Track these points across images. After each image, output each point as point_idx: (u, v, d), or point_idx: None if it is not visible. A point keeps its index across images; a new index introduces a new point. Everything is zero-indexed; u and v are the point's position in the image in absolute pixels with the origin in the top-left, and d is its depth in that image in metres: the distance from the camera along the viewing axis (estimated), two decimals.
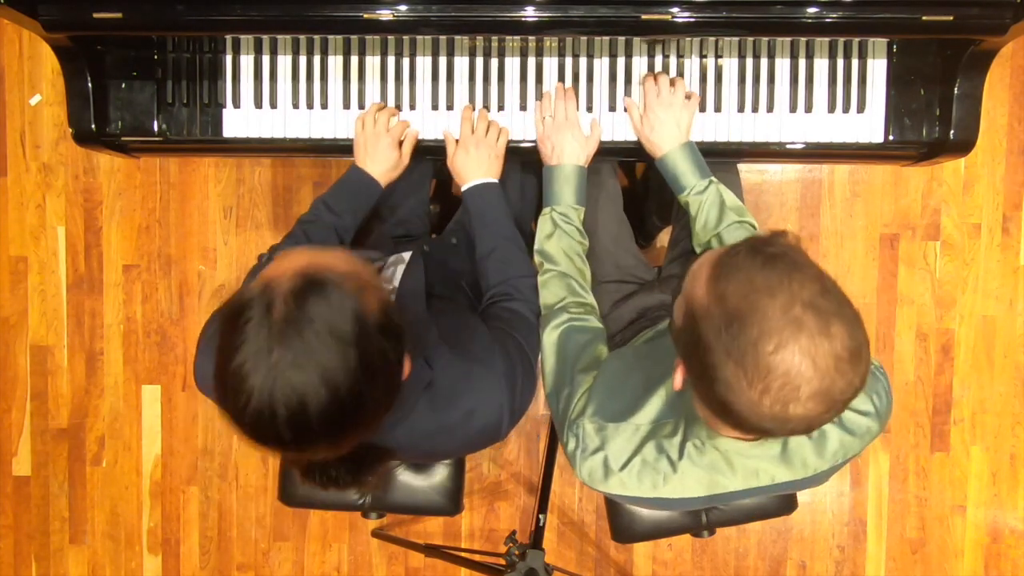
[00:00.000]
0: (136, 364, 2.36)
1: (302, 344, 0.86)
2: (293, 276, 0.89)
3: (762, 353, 0.85)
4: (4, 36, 2.29)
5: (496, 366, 1.17)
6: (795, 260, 0.89)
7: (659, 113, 1.43)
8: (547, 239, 1.40)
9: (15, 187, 2.32)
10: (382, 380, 0.93)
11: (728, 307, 0.88)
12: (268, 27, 1.44)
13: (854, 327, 0.87)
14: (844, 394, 0.87)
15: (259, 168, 2.31)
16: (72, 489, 2.39)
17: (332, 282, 0.89)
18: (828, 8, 1.34)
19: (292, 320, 0.86)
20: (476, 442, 1.22)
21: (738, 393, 0.87)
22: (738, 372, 0.86)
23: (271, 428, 0.88)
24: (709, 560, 2.37)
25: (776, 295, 0.86)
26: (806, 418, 0.88)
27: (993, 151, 2.27)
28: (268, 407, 0.86)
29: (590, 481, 1.14)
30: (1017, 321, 2.31)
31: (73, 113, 1.48)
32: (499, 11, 1.34)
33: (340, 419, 0.90)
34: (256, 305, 0.87)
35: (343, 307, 0.88)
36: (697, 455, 1.09)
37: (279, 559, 2.39)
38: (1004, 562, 2.36)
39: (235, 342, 0.87)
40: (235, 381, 0.87)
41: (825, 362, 0.85)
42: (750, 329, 0.86)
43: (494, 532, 2.35)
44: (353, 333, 0.88)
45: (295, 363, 0.85)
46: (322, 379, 0.86)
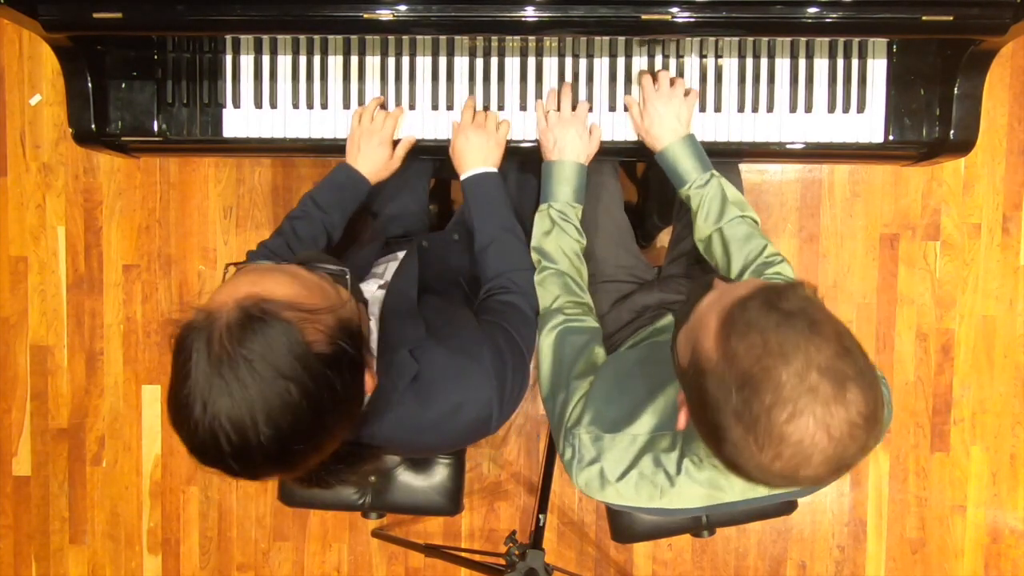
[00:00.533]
0: (136, 364, 2.36)
1: (238, 382, 0.85)
2: (233, 308, 0.87)
3: (775, 422, 0.82)
4: (4, 36, 2.29)
5: (484, 360, 1.15)
6: (812, 318, 0.84)
7: (658, 107, 1.42)
8: (544, 236, 1.39)
9: (15, 187, 2.32)
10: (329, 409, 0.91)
11: (739, 369, 0.84)
12: (268, 27, 1.44)
13: (871, 390, 0.84)
14: (855, 457, 0.84)
15: (259, 168, 2.31)
16: (72, 489, 2.39)
17: (271, 314, 0.87)
18: (828, 8, 1.34)
19: (229, 355, 0.85)
20: (465, 436, 1.21)
21: (747, 457, 0.85)
22: (748, 437, 0.84)
23: (218, 459, 0.88)
24: (709, 560, 2.37)
25: (791, 360, 0.82)
26: (815, 479, 0.85)
27: (993, 151, 2.27)
28: (211, 440, 0.87)
29: (587, 490, 1.14)
30: (1017, 321, 2.31)
31: (73, 113, 1.48)
32: (499, 11, 1.34)
33: (285, 449, 0.89)
34: (198, 337, 0.87)
35: (282, 341, 0.87)
36: (695, 471, 1.08)
37: (279, 559, 2.39)
38: (1004, 562, 2.36)
39: (180, 373, 0.88)
40: (181, 413, 0.88)
41: (840, 430, 0.82)
42: (763, 396, 0.82)
43: (494, 532, 2.35)
44: (292, 367, 0.87)
45: (232, 397, 0.85)
46: (261, 414, 0.86)
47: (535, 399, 2.34)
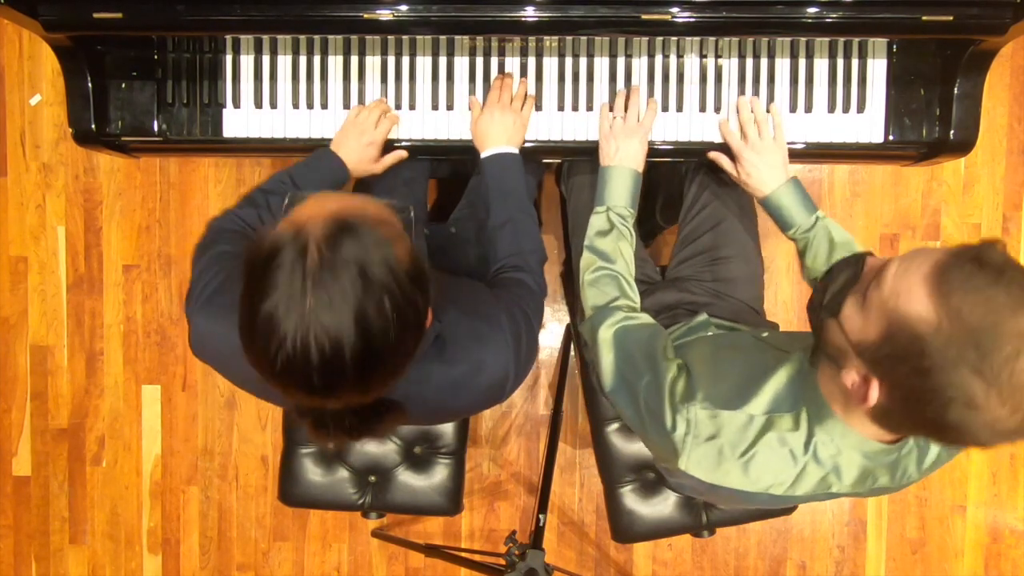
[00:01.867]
0: (136, 364, 2.36)
1: (338, 288, 0.86)
2: (326, 220, 0.88)
3: (1018, 371, 0.84)
4: (4, 36, 2.29)
5: (502, 324, 1.17)
6: (1021, 271, 0.87)
7: (752, 159, 1.43)
8: (602, 237, 1.39)
9: (15, 187, 2.32)
10: (411, 327, 0.93)
11: (970, 325, 0.85)
12: (268, 27, 1.44)
13: None
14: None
15: (259, 168, 2.31)
16: (72, 489, 2.39)
17: (365, 227, 0.89)
18: (828, 8, 1.34)
19: (328, 265, 0.86)
20: (482, 399, 1.21)
21: (985, 411, 0.85)
22: (990, 392, 0.84)
23: (303, 373, 0.88)
24: (709, 560, 2.37)
25: (1019, 314, 0.85)
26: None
27: (993, 151, 2.27)
28: (302, 352, 0.86)
29: (696, 468, 1.11)
30: None
31: (73, 113, 1.48)
32: (499, 11, 1.34)
33: (372, 364, 0.90)
34: (288, 250, 0.87)
35: (377, 252, 0.89)
36: (824, 452, 1.07)
37: (279, 559, 2.39)
38: (1004, 562, 2.36)
39: (266, 287, 0.87)
40: (267, 327, 0.86)
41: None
42: (1003, 347, 0.84)
43: (494, 532, 2.35)
44: (388, 278, 0.88)
45: (331, 307, 0.85)
46: (357, 323, 0.86)
47: (535, 399, 2.34)
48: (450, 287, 1.22)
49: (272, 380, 0.90)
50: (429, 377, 1.12)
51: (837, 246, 1.37)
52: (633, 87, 1.49)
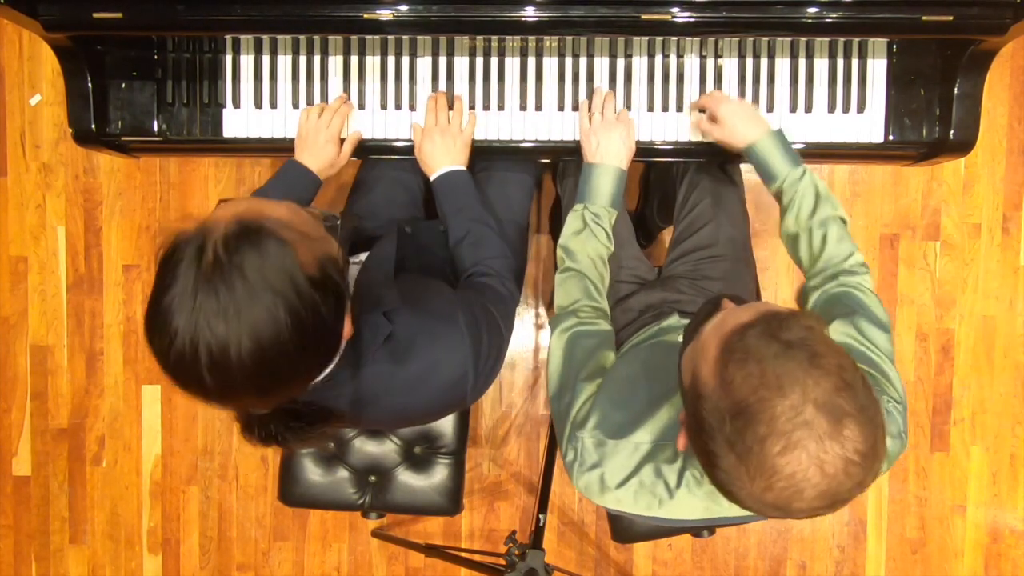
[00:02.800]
0: (136, 364, 2.36)
1: (228, 292, 0.84)
2: (229, 221, 0.87)
3: (768, 454, 0.81)
4: (4, 36, 2.29)
5: (458, 323, 1.15)
6: (813, 350, 0.83)
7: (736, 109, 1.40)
8: (574, 236, 1.39)
9: (15, 187, 2.32)
10: (312, 336, 0.91)
11: (735, 398, 0.83)
12: (268, 27, 1.44)
13: (871, 425, 0.82)
14: (851, 492, 0.83)
15: (259, 168, 2.31)
16: (72, 489, 2.39)
17: (268, 230, 0.87)
18: (828, 8, 1.34)
19: (221, 266, 0.85)
20: (440, 401, 1.20)
21: (739, 486, 0.85)
22: (740, 467, 0.83)
23: (193, 373, 0.87)
24: (709, 560, 2.37)
25: (787, 394, 0.81)
26: (810, 511, 0.84)
27: (993, 151, 2.27)
28: (190, 351, 0.85)
29: (586, 493, 1.14)
30: (1017, 321, 2.31)
31: (73, 113, 1.48)
32: (499, 11, 1.34)
33: (264, 372, 0.88)
34: (189, 247, 0.86)
35: (276, 257, 0.87)
36: (696, 485, 1.08)
37: (279, 559, 2.39)
38: (1004, 562, 2.36)
39: (165, 281, 0.86)
40: (160, 321, 0.86)
41: (834, 467, 0.80)
42: (757, 427, 0.81)
43: (494, 532, 2.35)
44: (284, 285, 0.87)
45: (219, 310, 0.84)
46: (246, 329, 0.85)
47: (535, 399, 2.34)
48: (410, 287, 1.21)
49: (168, 376, 0.89)
50: (381, 378, 1.11)
51: (823, 201, 1.33)
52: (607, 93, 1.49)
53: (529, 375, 2.34)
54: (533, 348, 2.32)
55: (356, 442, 1.76)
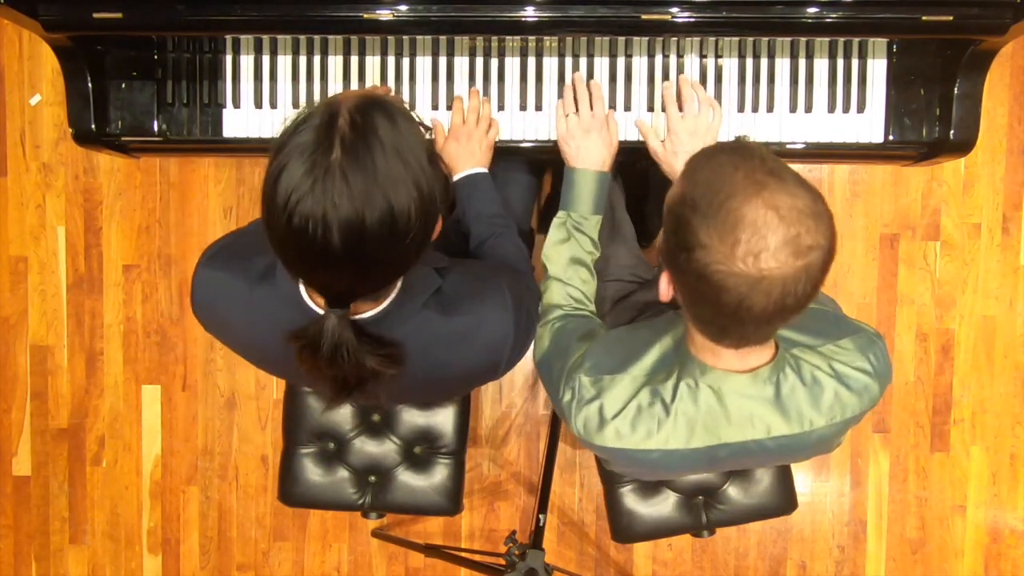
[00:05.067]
0: (136, 364, 2.36)
1: (368, 154, 0.88)
2: (358, 97, 0.91)
3: (730, 210, 0.92)
4: (4, 36, 2.29)
5: (503, 289, 1.18)
6: (762, 150, 0.98)
7: (684, 138, 1.40)
8: (557, 245, 1.39)
9: (15, 187, 2.32)
10: (430, 214, 0.95)
11: (700, 182, 0.97)
12: (268, 27, 1.44)
13: (815, 193, 0.95)
14: (813, 251, 0.92)
15: (259, 168, 2.31)
16: (72, 489, 2.39)
17: (394, 106, 0.92)
18: (828, 8, 1.34)
19: (358, 128, 0.88)
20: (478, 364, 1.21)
21: (712, 252, 0.92)
22: (710, 231, 0.93)
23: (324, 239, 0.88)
24: (709, 560, 2.37)
25: (740, 166, 0.95)
26: (780, 272, 0.91)
27: (993, 151, 2.27)
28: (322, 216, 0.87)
29: (585, 433, 1.15)
30: (1017, 321, 2.31)
31: (73, 113, 1.48)
32: (499, 11, 1.34)
33: (381, 239, 0.90)
34: (318, 116, 0.89)
35: (406, 129, 0.91)
36: (690, 396, 1.10)
37: (279, 559, 2.39)
38: (1004, 562, 2.36)
39: (296, 142, 0.88)
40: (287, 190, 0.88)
41: (789, 213, 0.91)
42: (719, 193, 0.94)
43: (494, 532, 2.35)
44: (415, 156, 0.91)
45: (359, 173, 0.87)
46: (381, 195, 0.88)
47: (535, 399, 2.34)
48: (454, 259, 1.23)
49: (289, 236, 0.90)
50: (429, 327, 1.12)
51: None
52: (575, 76, 1.48)
53: (529, 375, 2.34)
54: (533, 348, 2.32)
55: (356, 442, 1.76)
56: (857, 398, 1.15)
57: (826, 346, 1.14)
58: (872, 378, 1.15)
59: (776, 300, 0.93)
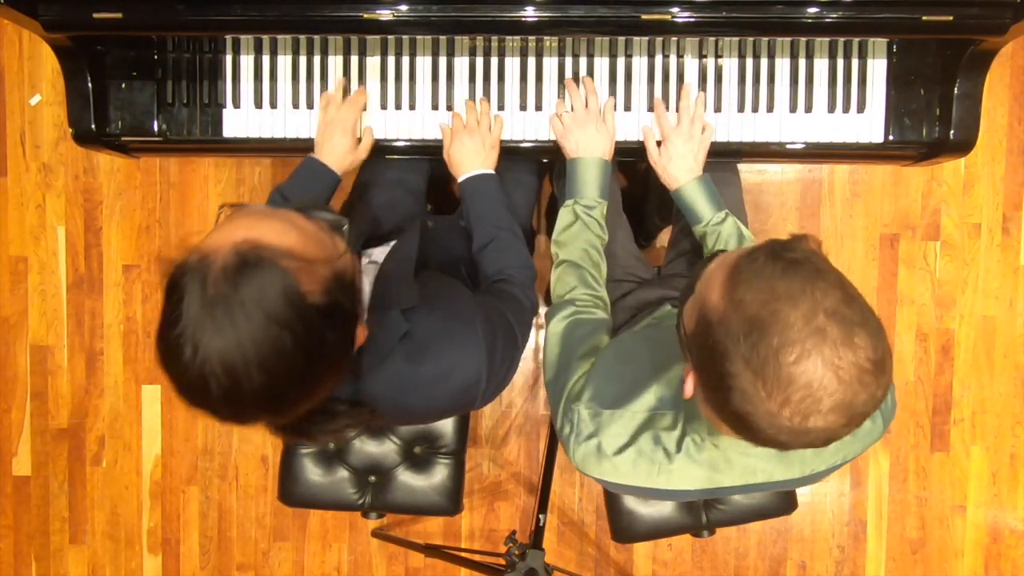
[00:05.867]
0: (136, 364, 2.36)
1: (231, 325, 0.85)
2: (229, 251, 0.87)
3: (783, 363, 0.81)
4: (4, 36, 2.29)
5: (476, 328, 1.15)
6: (817, 267, 0.85)
7: (679, 146, 1.44)
8: (566, 229, 1.40)
9: (15, 187, 2.32)
10: (320, 358, 0.92)
11: (747, 314, 0.84)
12: (268, 27, 1.44)
13: (878, 338, 0.84)
14: (866, 406, 0.83)
15: (259, 168, 2.31)
16: (72, 489, 2.39)
17: (268, 261, 0.87)
18: (828, 8, 1.34)
19: (223, 299, 0.85)
20: (450, 403, 1.20)
21: (756, 404, 0.84)
22: (757, 383, 0.83)
23: (207, 401, 0.88)
24: (709, 560, 2.37)
25: (798, 304, 0.82)
26: (826, 431, 0.84)
27: (993, 151, 2.27)
28: (201, 382, 0.86)
29: (583, 466, 1.13)
30: (1017, 321, 2.31)
31: (73, 113, 1.48)
32: (499, 11, 1.34)
33: (275, 395, 0.89)
34: (192, 279, 0.87)
35: (277, 289, 0.86)
36: (695, 451, 1.08)
37: (279, 559, 2.39)
38: (1004, 562, 2.36)
39: (171, 315, 0.87)
40: (171, 353, 0.87)
41: (849, 374, 0.81)
42: (771, 338, 0.82)
43: (494, 532, 2.35)
44: (287, 314, 0.87)
45: (225, 343, 0.85)
46: (253, 359, 0.86)
47: (535, 399, 2.34)
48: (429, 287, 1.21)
49: (185, 401, 0.90)
50: (396, 377, 1.11)
51: (746, 241, 1.39)
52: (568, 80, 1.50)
53: (529, 375, 2.34)
54: (533, 348, 2.32)
55: (356, 442, 1.76)
56: (860, 442, 1.14)
57: None
58: (877, 422, 1.14)
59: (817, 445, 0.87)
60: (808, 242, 0.88)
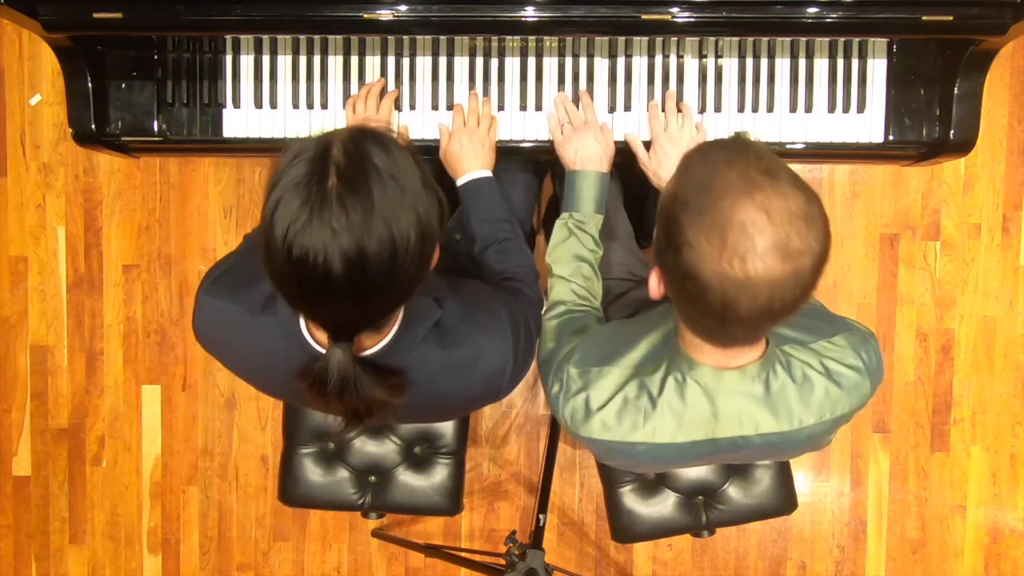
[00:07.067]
0: (136, 364, 2.36)
1: (363, 178, 0.87)
2: (350, 128, 0.92)
3: (719, 208, 0.90)
4: (4, 36, 2.29)
5: (502, 316, 1.18)
6: (761, 148, 0.95)
7: (667, 149, 1.44)
8: (560, 244, 1.41)
9: (15, 187, 2.32)
10: (429, 240, 0.94)
11: (694, 181, 0.94)
12: (268, 27, 1.44)
13: (811, 195, 0.92)
14: (803, 256, 0.89)
15: (259, 168, 2.31)
16: (72, 489, 2.39)
17: (386, 134, 0.93)
18: (828, 8, 1.34)
19: (353, 157, 0.88)
20: (478, 391, 1.22)
21: (700, 252, 0.90)
22: (698, 231, 0.90)
23: (325, 274, 0.88)
24: (709, 560, 2.37)
25: (733, 163, 0.92)
26: (768, 279, 0.89)
27: (993, 151, 2.27)
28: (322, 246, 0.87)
29: (571, 424, 1.15)
30: (1017, 321, 2.31)
31: (73, 113, 1.49)
32: (499, 11, 1.34)
33: (393, 270, 0.90)
34: (311, 148, 0.89)
35: (401, 156, 0.92)
36: (677, 390, 1.10)
37: (279, 559, 2.39)
38: (1004, 562, 2.36)
39: (290, 176, 0.88)
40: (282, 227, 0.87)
41: (779, 216, 0.89)
42: (710, 192, 0.91)
43: (494, 532, 2.35)
44: (411, 182, 0.91)
45: (358, 205, 0.87)
46: (382, 224, 0.88)
47: (535, 399, 2.34)
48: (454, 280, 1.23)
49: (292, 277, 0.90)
50: (428, 361, 1.12)
51: None
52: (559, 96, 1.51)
53: (529, 375, 2.34)
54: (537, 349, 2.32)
55: (356, 442, 1.76)
56: (848, 396, 1.14)
57: (818, 343, 1.14)
58: (863, 376, 1.14)
59: (763, 304, 0.91)
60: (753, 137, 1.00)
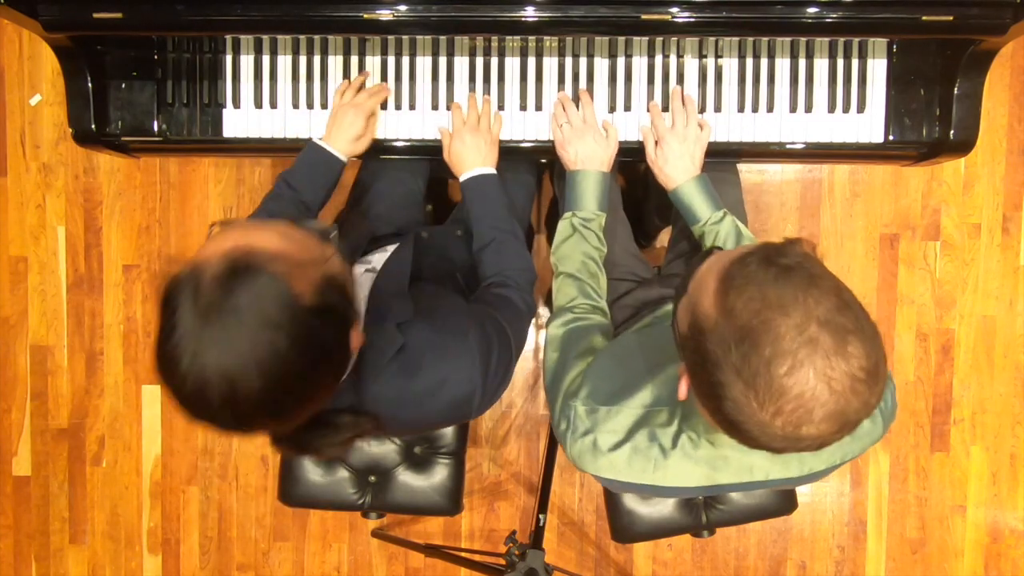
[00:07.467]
0: (136, 364, 2.36)
1: (225, 332, 0.85)
2: (220, 260, 0.88)
3: (775, 375, 0.80)
4: (4, 36, 2.29)
5: (469, 340, 1.15)
6: (811, 272, 0.83)
7: (674, 146, 1.44)
8: (564, 242, 1.41)
9: (15, 187, 2.32)
10: (317, 361, 0.92)
11: (738, 323, 0.82)
12: (268, 27, 1.44)
13: (872, 344, 0.82)
14: (859, 414, 0.82)
15: (259, 168, 2.31)
16: (72, 489, 2.39)
17: (258, 266, 0.88)
18: (828, 8, 1.34)
19: (216, 306, 0.85)
20: (445, 415, 1.21)
21: (748, 415, 0.83)
22: (748, 393, 0.82)
23: (208, 411, 0.89)
24: (709, 560, 2.37)
25: (790, 313, 0.80)
26: (819, 438, 0.83)
27: (993, 151, 2.27)
28: (200, 392, 0.86)
29: (579, 463, 1.13)
30: (1017, 321, 2.31)
31: (73, 113, 1.48)
32: (499, 11, 1.34)
33: (275, 400, 0.90)
34: (184, 289, 0.87)
35: (269, 292, 0.87)
36: (691, 448, 1.08)
37: (279, 559, 2.39)
38: (1004, 562, 2.36)
39: (167, 326, 0.87)
40: (169, 365, 0.87)
41: (841, 384, 0.80)
42: (762, 349, 0.80)
43: (494, 532, 2.35)
44: (280, 317, 0.87)
45: (221, 349, 0.85)
46: (250, 365, 0.86)
47: (535, 399, 2.34)
48: (423, 299, 1.21)
49: (187, 414, 0.90)
50: (391, 392, 1.11)
51: (745, 240, 1.39)
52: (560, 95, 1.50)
53: (529, 375, 2.34)
54: (533, 348, 2.32)
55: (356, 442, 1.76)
56: (859, 442, 1.13)
57: None
58: (877, 423, 1.14)
59: (810, 450, 0.86)
60: (802, 246, 0.87)
